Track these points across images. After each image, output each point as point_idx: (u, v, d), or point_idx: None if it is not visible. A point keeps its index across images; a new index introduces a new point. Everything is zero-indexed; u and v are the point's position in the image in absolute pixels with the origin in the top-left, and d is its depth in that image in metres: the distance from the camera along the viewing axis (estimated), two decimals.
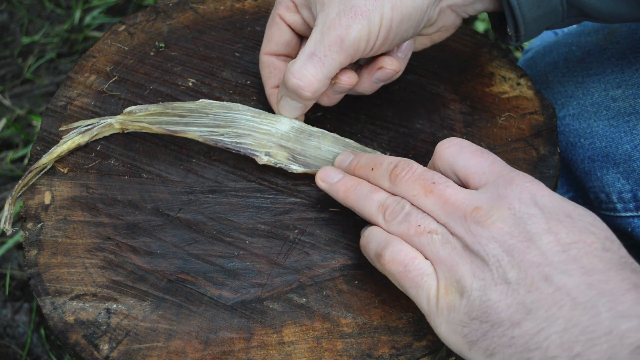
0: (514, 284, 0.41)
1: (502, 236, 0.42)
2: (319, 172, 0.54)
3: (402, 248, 0.46)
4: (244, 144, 0.56)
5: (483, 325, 0.41)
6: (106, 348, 0.47)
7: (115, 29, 0.68)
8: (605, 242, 0.42)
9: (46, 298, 0.49)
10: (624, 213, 0.68)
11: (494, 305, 0.41)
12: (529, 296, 0.40)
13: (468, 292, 0.42)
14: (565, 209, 0.43)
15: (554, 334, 0.39)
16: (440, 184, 0.47)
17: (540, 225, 0.42)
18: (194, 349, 0.48)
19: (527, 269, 0.41)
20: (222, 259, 0.53)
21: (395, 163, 0.50)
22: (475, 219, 0.43)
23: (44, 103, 1.27)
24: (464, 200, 0.45)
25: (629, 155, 0.66)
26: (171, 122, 0.56)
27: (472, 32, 0.71)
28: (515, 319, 0.40)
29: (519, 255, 0.42)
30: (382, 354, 0.48)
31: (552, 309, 0.39)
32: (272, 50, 0.58)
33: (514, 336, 0.40)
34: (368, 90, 0.58)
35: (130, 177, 0.57)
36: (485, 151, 0.48)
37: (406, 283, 0.45)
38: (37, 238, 0.53)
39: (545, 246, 0.42)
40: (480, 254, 0.42)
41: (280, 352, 0.48)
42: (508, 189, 0.44)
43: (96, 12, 1.40)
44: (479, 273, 0.42)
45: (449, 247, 0.44)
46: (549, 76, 0.78)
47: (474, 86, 0.66)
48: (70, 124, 0.58)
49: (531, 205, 0.43)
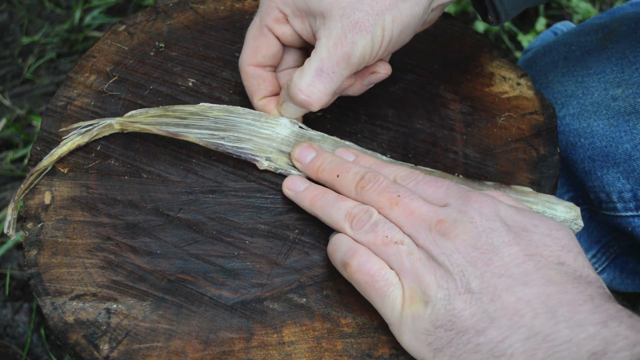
0: (477, 294, 0.43)
1: (466, 248, 0.44)
2: (286, 181, 0.56)
3: (369, 259, 0.47)
4: (244, 149, 0.56)
5: (448, 333, 0.43)
6: (106, 348, 0.47)
7: (115, 29, 0.68)
8: (560, 255, 0.44)
9: (46, 298, 0.49)
10: (624, 212, 0.68)
11: (459, 313, 0.43)
12: (492, 305, 0.42)
13: (433, 302, 0.44)
14: (521, 223, 0.46)
15: (517, 342, 0.41)
16: (406, 197, 0.49)
17: (502, 239, 0.44)
18: (194, 349, 0.48)
19: (489, 279, 0.43)
20: (222, 259, 0.53)
21: (361, 174, 0.52)
22: (440, 231, 0.46)
23: (44, 103, 1.27)
24: (429, 213, 0.47)
25: (629, 154, 0.66)
26: (171, 124, 0.56)
27: (472, 32, 0.71)
28: (480, 327, 0.42)
29: (482, 266, 0.43)
30: (382, 354, 0.48)
31: (514, 317, 0.41)
32: (258, 62, 0.57)
33: (479, 343, 0.42)
34: (357, 92, 0.59)
35: (130, 177, 0.57)
36: (439, 180, 0.51)
37: (372, 293, 0.47)
38: (37, 238, 0.53)
39: (507, 258, 0.44)
40: (445, 265, 0.44)
41: (280, 352, 0.48)
42: (468, 205, 0.47)
43: (96, 12, 1.40)
44: (443, 283, 0.44)
45: (414, 258, 0.46)
46: (549, 76, 0.78)
47: (474, 86, 0.66)
48: (70, 125, 0.58)
49: (492, 219, 0.46)
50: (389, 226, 0.48)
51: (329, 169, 0.54)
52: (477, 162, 0.60)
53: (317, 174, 0.55)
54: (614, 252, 0.77)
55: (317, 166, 0.55)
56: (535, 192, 0.57)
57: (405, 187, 0.50)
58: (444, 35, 0.71)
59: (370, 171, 0.52)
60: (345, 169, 0.53)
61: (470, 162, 0.60)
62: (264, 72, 0.58)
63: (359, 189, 0.51)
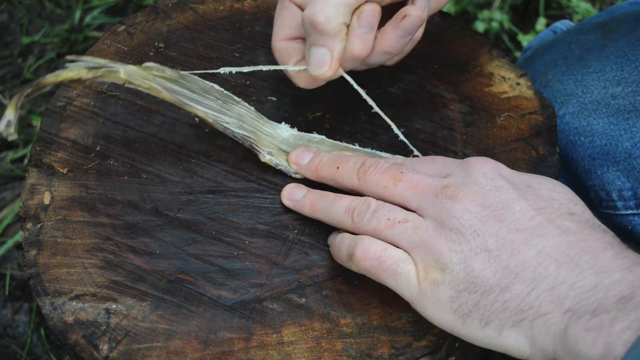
0: (494, 251, 0.42)
1: (475, 208, 0.44)
2: (284, 191, 0.56)
3: (371, 243, 0.47)
4: (249, 137, 0.56)
5: (473, 295, 0.42)
6: (106, 348, 0.47)
7: (115, 29, 0.68)
8: (569, 206, 0.44)
9: (46, 298, 0.49)
10: (624, 211, 0.68)
11: (480, 274, 0.42)
12: (513, 260, 0.42)
13: (450, 267, 0.43)
14: (525, 180, 0.46)
15: (544, 292, 0.40)
16: (408, 172, 0.49)
17: (510, 195, 0.44)
18: (194, 349, 0.48)
19: (505, 235, 0.43)
20: (222, 259, 0.53)
21: (361, 161, 0.52)
22: (446, 195, 0.45)
23: (44, 103, 1.27)
24: (433, 182, 0.47)
25: (629, 153, 0.66)
26: (180, 93, 0.54)
27: (472, 32, 0.71)
28: (504, 283, 0.41)
29: (495, 223, 0.43)
30: (381, 354, 0.48)
31: (537, 269, 0.41)
32: (287, 35, 0.56)
33: (506, 300, 0.41)
34: (396, 48, 0.54)
35: (130, 177, 0.57)
36: (435, 157, 0.51)
37: (383, 274, 0.46)
38: (37, 238, 0.53)
39: (518, 213, 0.43)
40: (457, 228, 0.44)
41: (279, 352, 0.48)
42: (470, 169, 0.47)
43: (96, 12, 1.40)
44: (455, 247, 0.43)
45: (422, 231, 0.45)
46: (548, 74, 0.78)
47: (473, 86, 0.66)
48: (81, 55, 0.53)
49: (496, 178, 0.45)
50: (389, 208, 0.47)
51: (328, 164, 0.54)
52: None
53: (316, 172, 0.55)
54: None
55: (315, 165, 0.55)
56: None
57: (406, 166, 0.50)
58: (444, 35, 0.71)
59: (370, 158, 0.52)
60: (345, 160, 0.53)
61: None
62: (294, 44, 0.56)
63: (360, 174, 0.51)
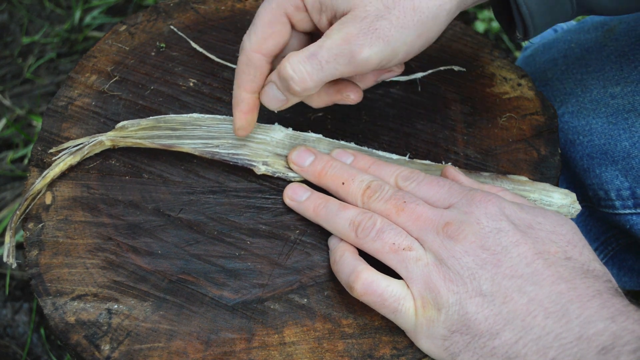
0: (489, 296, 0.43)
1: (475, 250, 0.45)
2: (286, 190, 0.55)
3: (373, 279, 0.47)
4: (240, 155, 0.56)
5: (464, 337, 0.44)
6: (107, 348, 0.47)
7: (116, 29, 0.68)
8: (567, 250, 0.45)
9: (47, 298, 0.49)
10: (622, 210, 0.68)
11: (472, 317, 0.43)
12: (505, 307, 0.43)
13: (446, 307, 0.44)
14: (526, 221, 0.46)
15: (531, 342, 0.41)
16: (411, 203, 0.49)
17: (509, 238, 0.45)
18: (195, 350, 0.48)
19: (500, 281, 0.43)
20: (223, 259, 0.53)
21: (367, 183, 0.52)
22: (447, 234, 0.46)
23: (44, 103, 1.27)
24: (435, 216, 0.47)
25: (628, 152, 0.66)
26: (164, 136, 0.56)
27: (473, 33, 0.71)
28: (494, 330, 0.43)
29: (492, 268, 0.44)
30: (383, 355, 0.48)
31: (527, 318, 0.42)
32: (268, 51, 0.52)
33: (495, 346, 0.42)
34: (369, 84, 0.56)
35: (132, 177, 0.57)
36: (440, 179, 0.51)
37: (383, 310, 0.47)
38: (38, 238, 0.53)
39: (516, 258, 0.44)
40: (455, 268, 0.45)
41: (281, 353, 0.48)
42: (473, 205, 0.47)
43: (96, 12, 1.40)
44: (453, 287, 0.44)
45: (422, 264, 0.46)
46: (548, 73, 0.78)
47: (475, 87, 0.66)
48: (60, 145, 0.56)
49: (498, 219, 0.46)
50: (396, 232, 0.48)
51: (332, 174, 0.54)
52: (478, 162, 0.60)
53: (319, 179, 0.55)
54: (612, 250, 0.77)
55: (318, 171, 0.55)
56: (531, 181, 0.57)
57: (410, 194, 0.50)
58: (445, 36, 0.71)
59: (375, 180, 0.52)
60: (350, 177, 0.53)
61: (471, 162, 0.60)
62: (265, 64, 0.52)
63: (365, 199, 0.51)
